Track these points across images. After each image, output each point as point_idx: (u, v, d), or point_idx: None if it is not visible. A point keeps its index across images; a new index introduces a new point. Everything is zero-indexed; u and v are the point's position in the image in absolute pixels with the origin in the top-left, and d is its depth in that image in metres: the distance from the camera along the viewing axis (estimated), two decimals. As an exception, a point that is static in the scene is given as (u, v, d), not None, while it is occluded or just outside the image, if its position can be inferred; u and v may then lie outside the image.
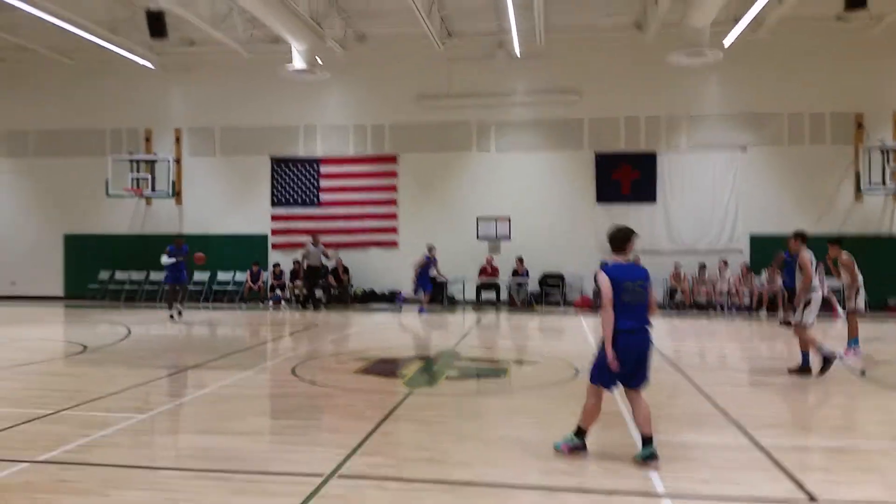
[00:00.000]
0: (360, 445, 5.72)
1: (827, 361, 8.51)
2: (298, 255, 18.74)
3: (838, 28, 17.33)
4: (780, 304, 15.79)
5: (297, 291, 19.32)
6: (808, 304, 8.80)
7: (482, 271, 19.01)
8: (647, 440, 5.27)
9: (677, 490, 4.76)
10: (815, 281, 8.87)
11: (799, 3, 15.45)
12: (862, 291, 10.58)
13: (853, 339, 10.32)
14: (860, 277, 10.43)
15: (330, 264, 18.86)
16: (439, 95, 19.54)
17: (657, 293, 18.13)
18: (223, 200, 20.64)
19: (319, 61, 17.06)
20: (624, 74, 18.76)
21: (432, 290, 17.74)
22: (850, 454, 5.63)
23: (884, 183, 17.09)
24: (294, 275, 19.57)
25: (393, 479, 4.98)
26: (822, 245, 10.43)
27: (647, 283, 5.36)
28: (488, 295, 19.08)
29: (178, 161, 20.68)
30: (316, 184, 20.36)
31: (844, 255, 10.36)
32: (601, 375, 5.36)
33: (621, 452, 5.62)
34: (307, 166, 20.41)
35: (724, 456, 5.59)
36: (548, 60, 18.97)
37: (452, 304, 19.15)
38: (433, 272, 17.58)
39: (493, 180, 19.57)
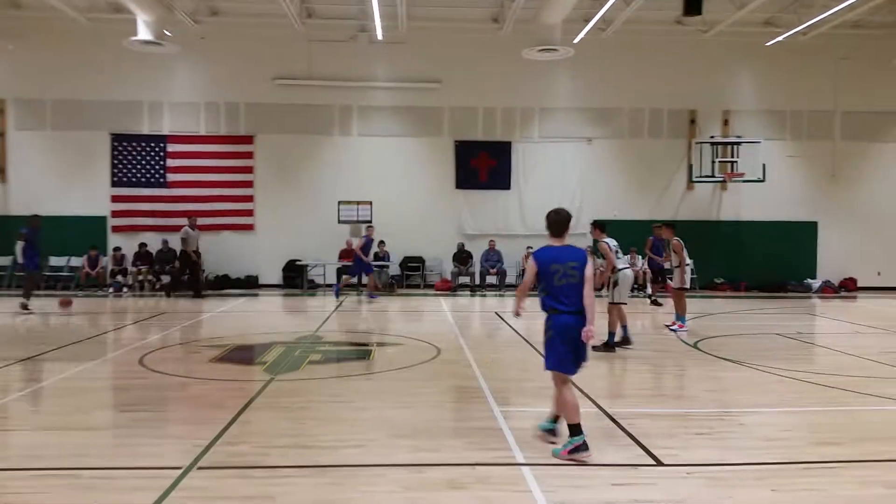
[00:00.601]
0: (220, 435, 5.52)
1: (608, 346, 9.43)
2: (177, 238, 17.23)
3: (676, 31, 18.83)
4: (647, 283, 17.15)
5: (141, 277, 18.15)
6: (615, 284, 9.65)
7: (343, 255, 18.82)
8: (556, 417, 5.52)
9: (535, 459, 5.03)
10: (620, 263, 9.73)
11: (642, 7, 16.58)
12: (689, 271, 11.73)
13: (681, 315, 11.38)
14: (688, 259, 11.56)
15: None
16: (299, 77, 19.02)
17: (511, 275, 18.99)
18: (56, 179, 18.85)
19: (168, 34, 16.01)
20: (482, 66, 19.21)
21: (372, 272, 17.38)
22: (687, 420, 6.20)
23: (713, 174, 18.84)
24: (137, 259, 18.35)
25: (257, 467, 4.86)
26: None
27: (580, 265, 5.25)
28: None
29: (1, 135, 18.65)
30: (162, 163, 19.14)
31: (675, 239, 11.45)
32: (561, 363, 5.26)
33: (483, 426, 5.84)
34: (152, 144, 19.11)
35: (577, 426, 5.96)
36: (410, 48, 19.04)
37: (313, 287, 18.85)
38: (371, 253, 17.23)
39: (355, 165, 19.38)
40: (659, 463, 4.99)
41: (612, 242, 9.75)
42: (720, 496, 4.43)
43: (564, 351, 5.22)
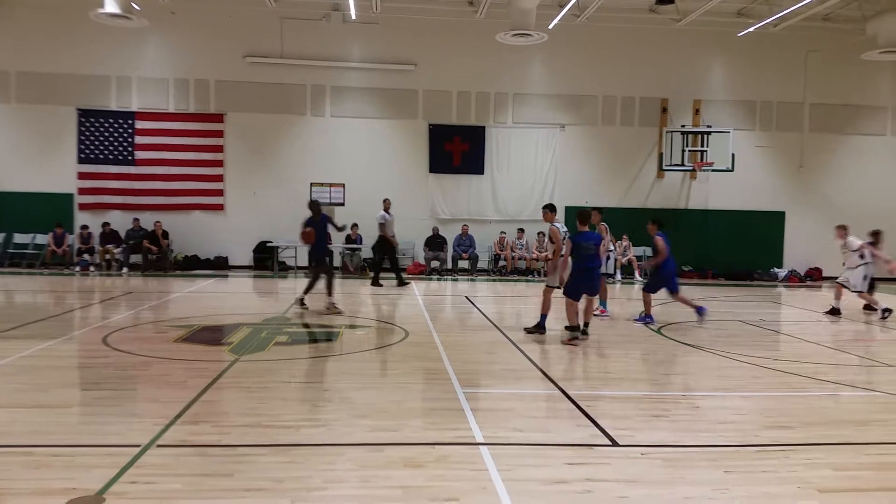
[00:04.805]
0: (180, 414, 5.49)
1: (538, 327, 9.63)
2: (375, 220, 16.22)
3: (650, 20, 18.91)
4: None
5: (108, 256, 17.89)
6: (554, 269, 9.81)
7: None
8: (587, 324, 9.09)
9: (494, 439, 5.09)
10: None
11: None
12: (612, 257, 12.31)
13: (603, 301, 11.78)
14: (612, 245, 12.35)
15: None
16: (271, 55, 18.78)
17: (483, 260, 19.06)
18: (21, 154, 18.46)
19: (136, 7, 15.68)
20: (457, 49, 19.15)
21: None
22: (644, 402, 6.30)
23: (682, 162, 19.04)
24: (102, 239, 18.06)
25: (216, 445, 4.85)
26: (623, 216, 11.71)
27: (595, 243, 9.17)
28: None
29: (-38, 107, 18.21)
30: (130, 140, 18.82)
31: (601, 224, 11.48)
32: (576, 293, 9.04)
33: (445, 406, 5.90)
34: (120, 121, 18.76)
35: (537, 406, 6.06)
36: (384, 29, 18.90)
37: (284, 270, 18.74)
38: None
39: (328, 146, 19.24)
40: (614, 443, 5.08)
41: (563, 228, 9.80)
42: (672, 476, 4.52)
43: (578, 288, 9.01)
